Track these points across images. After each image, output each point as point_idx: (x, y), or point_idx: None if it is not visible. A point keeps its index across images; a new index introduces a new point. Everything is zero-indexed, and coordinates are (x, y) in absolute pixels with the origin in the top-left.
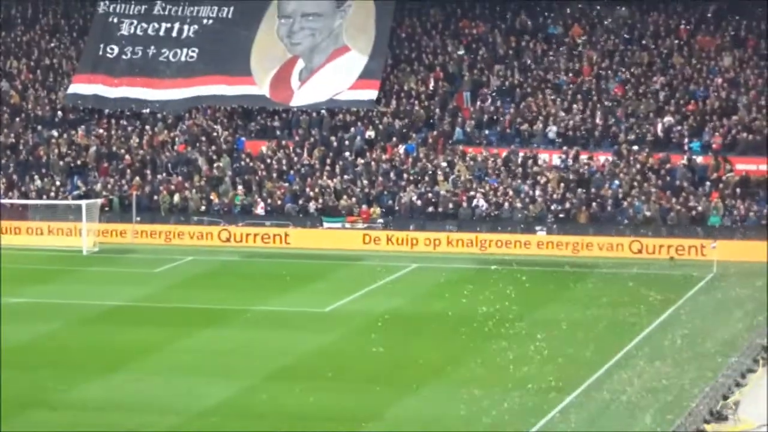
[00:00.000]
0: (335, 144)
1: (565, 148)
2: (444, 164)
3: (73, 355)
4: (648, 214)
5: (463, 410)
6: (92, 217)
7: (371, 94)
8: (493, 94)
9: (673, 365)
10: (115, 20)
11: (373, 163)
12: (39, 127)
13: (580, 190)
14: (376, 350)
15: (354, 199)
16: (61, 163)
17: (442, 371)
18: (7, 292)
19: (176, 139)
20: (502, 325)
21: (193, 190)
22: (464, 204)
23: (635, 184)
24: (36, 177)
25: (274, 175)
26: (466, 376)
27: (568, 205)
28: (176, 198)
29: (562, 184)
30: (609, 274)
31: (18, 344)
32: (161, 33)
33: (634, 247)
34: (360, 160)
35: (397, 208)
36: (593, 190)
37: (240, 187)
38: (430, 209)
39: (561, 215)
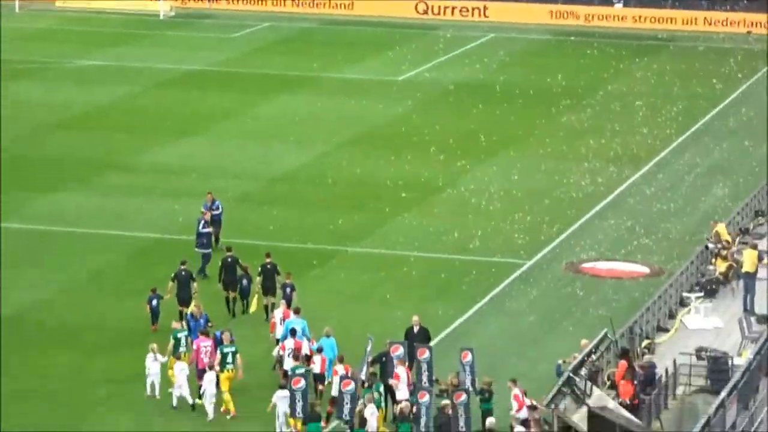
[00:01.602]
0: None
1: None
2: None
3: (149, 118)
4: None
5: (534, 181)
6: None
7: None
8: None
9: (748, 140)
10: None
11: None
12: None
13: None
14: (448, 120)
15: None
16: None
17: (514, 141)
18: (83, 55)
19: None
20: (577, 96)
21: None
22: None
23: None
24: None
25: None
26: (539, 147)
27: None
28: None
29: None
30: (686, 48)
31: (95, 107)
32: None
33: (710, 19)
34: None
35: None
36: None
37: None
38: None
39: None
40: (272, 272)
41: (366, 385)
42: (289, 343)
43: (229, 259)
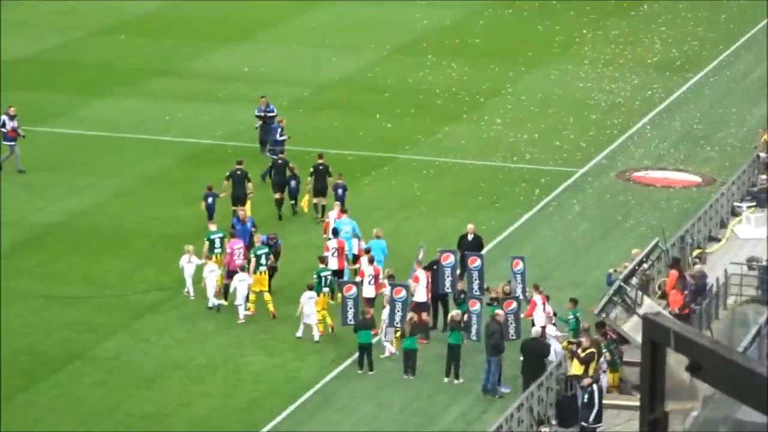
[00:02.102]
0: None
1: None
2: None
3: (198, 24)
4: None
5: (586, 90)
6: None
7: None
8: None
9: None
10: None
11: None
12: None
13: None
14: (500, 27)
15: None
16: None
17: (566, 48)
18: None
19: None
20: (625, 5)
21: None
22: None
23: None
24: None
25: None
26: (591, 55)
27: None
28: None
29: None
30: None
31: (144, 13)
32: None
33: None
34: None
35: None
36: None
37: None
38: None
39: None
40: (324, 173)
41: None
42: (332, 243)
43: (279, 161)
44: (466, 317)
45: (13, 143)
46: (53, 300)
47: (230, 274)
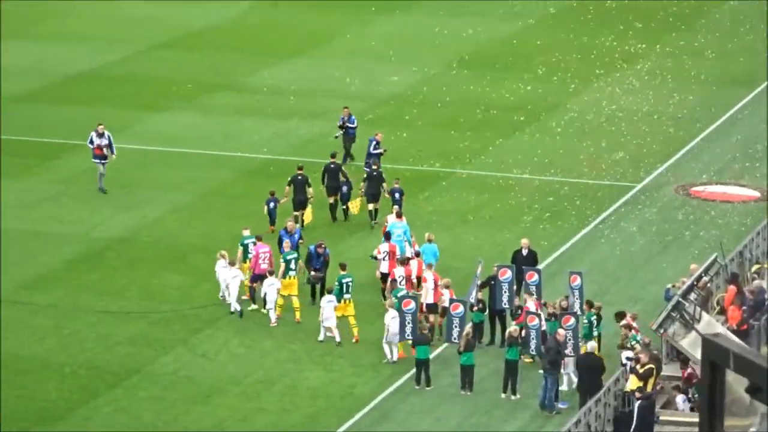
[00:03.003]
0: None
1: None
2: None
3: (258, 37)
4: None
5: (645, 103)
6: None
7: None
8: None
9: None
10: None
11: None
12: None
13: None
14: (559, 41)
15: None
16: None
17: (625, 62)
18: None
19: None
20: (688, 17)
21: None
22: None
23: None
24: None
25: None
26: (650, 68)
27: None
28: None
29: None
30: None
31: (204, 26)
32: None
33: None
34: None
35: None
36: None
37: None
38: None
39: None
40: (378, 179)
41: (475, 308)
42: (384, 246)
43: (332, 165)
44: (523, 332)
45: (99, 161)
46: (112, 315)
47: (256, 277)
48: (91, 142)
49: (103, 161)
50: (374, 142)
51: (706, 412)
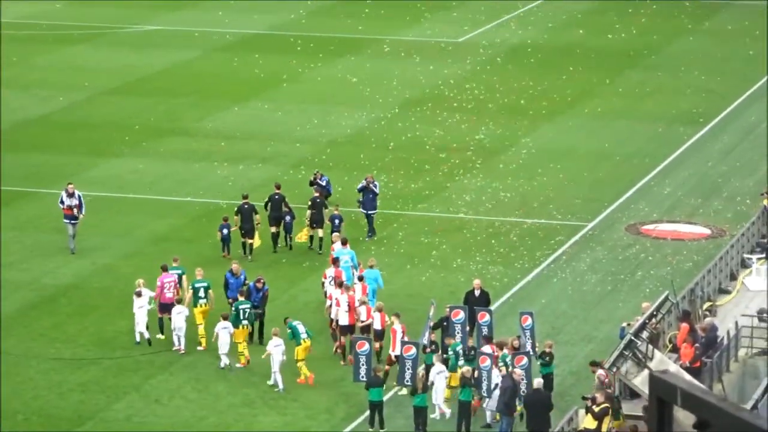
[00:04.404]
0: None
1: None
2: None
3: (208, 82)
4: None
5: (594, 143)
6: None
7: None
8: None
9: None
10: None
11: None
12: None
13: None
14: (508, 81)
15: None
16: None
17: (574, 103)
18: (141, 20)
19: None
20: (639, 56)
21: None
22: None
23: None
24: None
25: None
26: (599, 108)
27: None
28: None
29: None
30: (749, 6)
31: (153, 72)
32: None
33: None
34: None
35: None
36: None
37: None
38: None
39: None
40: (321, 205)
41: (428, 350)
42: (330, 271)
43: (276, 196)
44: (476, 374)
45: (69, 221)
46: (64, 362)
47: (162, 307)
48: (62, 202)
49: (73, 222)
50: (325, 180)
51: None
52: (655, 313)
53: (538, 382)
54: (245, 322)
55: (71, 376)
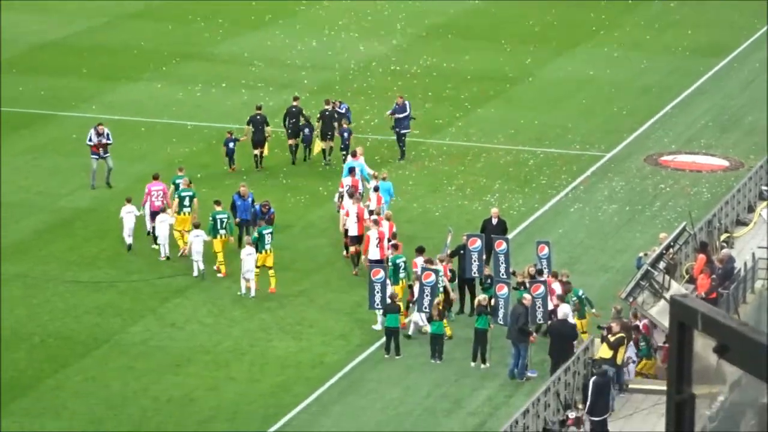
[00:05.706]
0: None
1: None
2: None
3: (228, 6)
4: None
5: (614, 73)
6: None
7: None
8: None
9: None
10: None
11: None
12: None
13: None
14: (528, 10)
15: None
16: None
17: (594, 32)
18: None
19: None
20: None
21: None
22: None
23: None
24: None
25: None
26: (620, 38)
27: None
28: None
29: None
30: None
31: None
32: None
33: None
34: None
35: None
36: None
37: None
38: None
39: None
40: (330, 118)
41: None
42: (347, 180)
43: (294, 108)
44: (492, 301)
45: (96, 157)
46: (81, 285)
47: (153, 215)
48: (90, 140)
49: (102, 157)
50: (345, 108)
51: (674, 374)
52: (672, 243)
53: (563, 312)
54: (223, 231)
55: (87, 299)
